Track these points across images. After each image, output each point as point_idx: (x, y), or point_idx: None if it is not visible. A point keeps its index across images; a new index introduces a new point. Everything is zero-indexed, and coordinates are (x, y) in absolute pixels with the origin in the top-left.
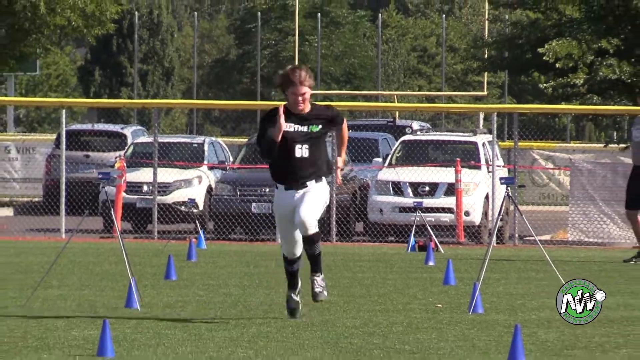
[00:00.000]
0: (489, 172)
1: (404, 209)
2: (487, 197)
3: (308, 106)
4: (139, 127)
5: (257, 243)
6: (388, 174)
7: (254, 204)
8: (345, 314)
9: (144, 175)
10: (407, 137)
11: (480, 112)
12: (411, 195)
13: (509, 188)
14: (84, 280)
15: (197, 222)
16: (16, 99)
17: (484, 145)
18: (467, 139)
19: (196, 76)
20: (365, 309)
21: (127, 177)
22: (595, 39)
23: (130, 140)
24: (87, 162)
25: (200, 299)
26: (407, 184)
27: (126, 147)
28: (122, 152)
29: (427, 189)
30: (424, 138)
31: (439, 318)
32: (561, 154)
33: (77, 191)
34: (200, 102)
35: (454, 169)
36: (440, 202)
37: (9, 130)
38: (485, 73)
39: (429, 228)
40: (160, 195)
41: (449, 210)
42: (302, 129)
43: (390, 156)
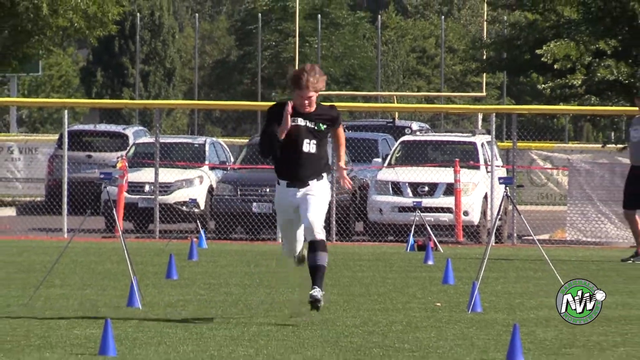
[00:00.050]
0: (487, 172)
1: (403, 209)
2: (485, 197)
3: (314, 106)
4: (140, 128)
5: (257, 242)
6: (387, 174)
7: (254, 204)
8: (345, 313)
9: (145, 175)
10: (406, 138)
11: (479, 113)
12: (410, 195)
13: (507, 188)
14: (86, 280)
15: (198, 221)
16: (19, 99)
17: (482, 145)
18: (466, 140)
19: (197, 77)
20: (365, 308)
21: (128, 177)
22: (593, 40)
23: (131, 141)
24: (89, 162)
25: (202, 298)
26: (407, 184)
27: (128, 148)
28: (123, 153)
29: (426, 189)
30: (423, 138)
31: (438, 317)
32: (559, 154)
33: (79, 191)
34: (202, 102)
35: (453, 169)
36: (440, 202)
37: (12, 130)
38: (484, 74)
39: (428, 228)
40: (161, 195)
41: (448, 210)
42: (310, 125)
43: (389, 156)
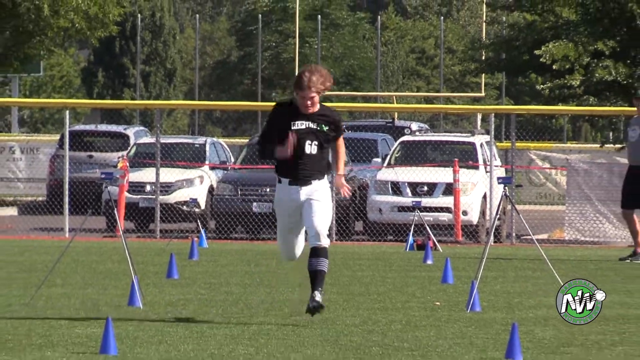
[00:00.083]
0: (486, 172)
1: (402, 209)
2: (484, 197)
3: (317, 107)
4: (141, 128)
5: (258, 242)
6: (387, 174)
7: (254, 204)
8: (345, 312)
9: (146, 175)
10: (405, 138)
11: (478, 113)
12: (410, 195)
13: (506, 188)
14: (87, 279)
15: (198, 221)
16: (20, 100)
17: (481, 145)
18: (465, 140)
19: (198, 77)
20: (365, 307)
21: (129, 177)
22: (591, 41)
23: (132, 141)
24: (90, 162)
25: (202, 297)
26: (406, 184)
27: (129, 148)
28: (124, 153)
29: (425, 188)
30: (422, 139)
31: (437, 316)
32: (558, 154)
33: (81, 191)
34: (202, 103)
35: (452, 169)
36: (439, 201)
37: (14, 130)
38: (483, 74)
39: (428, 227)
40: (162, 195)
41: (447, 209)
42: (312, 126)
43: (389, 156)
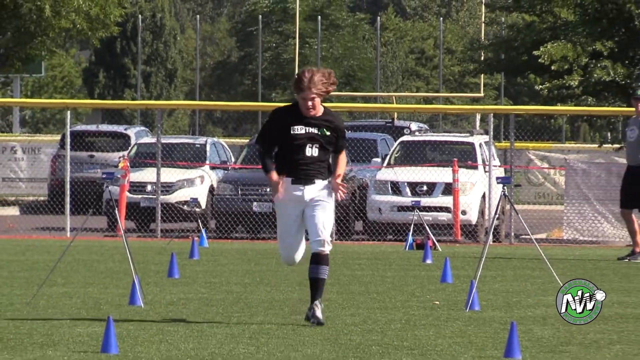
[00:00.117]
0: (485, 172)
1: (402, 208)
2: (483, 197)
3: (320, 110)
4: (142, 128)
5: (258, 241)
6: (387, 174)
7: (255, 203)
8: (345, 311)
9: (147, 175)
10: (405, 138)
11: (477, 113)
12: (409, 194)
13: (505, 187)
14: (89, 278)
15: (199, 221)
16: (22, 100)
17: (480, 145)
18: (464, 140)
19: (198, 78)
20: (364, 306)
21: (130, 177)
22: (589, 41)
23: (133, 141)
24: (92, 162)
25: (203, 296)
26: (406, 184)
27: (130, 148)
28: (125, 153)
29: (425, 188)
30: (422, 139)
31: (437, 315)
32: (556, 154)
33: (82, 191)
34: (203, 103)
35: (452, 169)
36: (438, 201)
37: (15, 131)
38: (482, 75)
39: (427, 227)
40: (163, 195)
41: (446, 209)
42: (314, 131)
43: (388, 156)
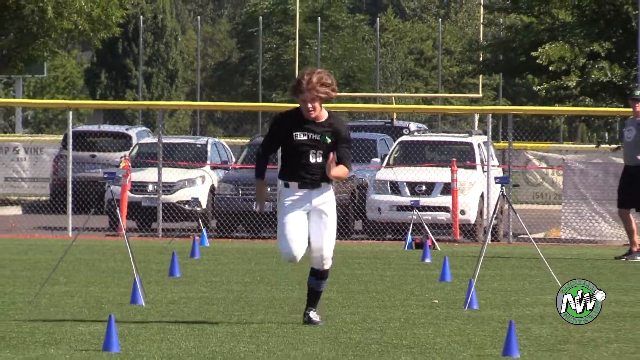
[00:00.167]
0: (484, 172)
1: (401, 208)
2: (482, 196)
3: (323, 114)
4: (143, 128)
5: (258, 241)
6: (386, 174)
7: (255, 203)
8: (344, 310)
9: (148, 175)
10: (404, 138)
11: (476, 114)
12: (408, 194)
13: (503, 187)
14: (90, 277)
15: (200, 220)
16: (24, 100)
17: (479, 145)
18: (463, 140)
19: (199, 78)
20: (364, 305)
21: (132, 177)
22: (587, 42)
23: (135, 141)
24: (93, 162)
25: (203, 295)
26: (405, 184)
27: (131, 148)
28: (127, 153)
29: (424, 188)
30: (421, 139)
31: (436, 314)
32: (554, 154)
33: (84, 190)
34: (204, 103)
35: (450, 168)
36: (437, 201)
37: (18, 131)
38: (481, 75)
39: (426, 226)
40: (164, 195)
41: (445, 209)
42: (315, 137)
43: (388, 156)
